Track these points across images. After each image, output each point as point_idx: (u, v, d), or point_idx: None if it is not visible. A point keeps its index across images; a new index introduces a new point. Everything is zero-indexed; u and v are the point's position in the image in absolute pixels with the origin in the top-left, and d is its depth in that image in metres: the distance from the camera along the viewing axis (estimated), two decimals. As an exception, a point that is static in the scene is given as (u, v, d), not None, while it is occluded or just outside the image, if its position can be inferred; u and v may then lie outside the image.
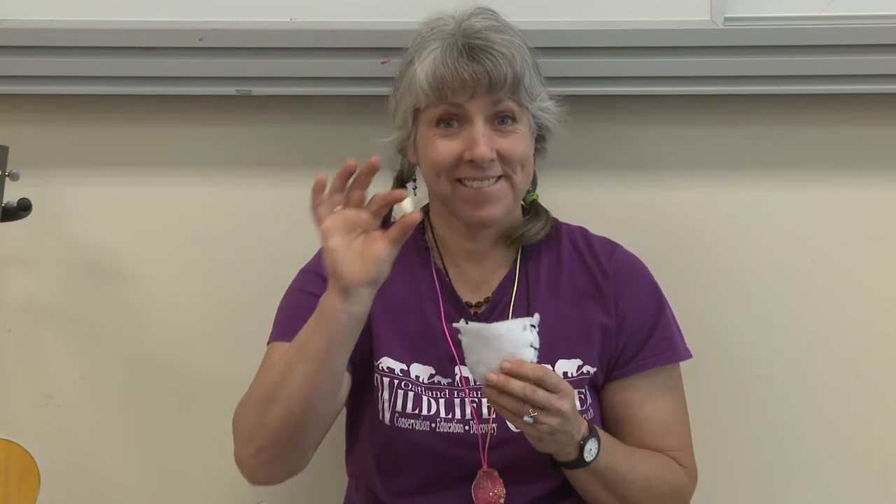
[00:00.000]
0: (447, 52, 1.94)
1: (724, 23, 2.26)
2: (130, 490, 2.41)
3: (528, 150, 2.00)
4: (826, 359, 2.35)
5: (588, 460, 1.89)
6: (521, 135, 1.98)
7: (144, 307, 2.38)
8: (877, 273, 2.34)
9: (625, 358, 2.03)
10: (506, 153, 1.96)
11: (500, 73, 1.93)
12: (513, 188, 1.99)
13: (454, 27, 1.97)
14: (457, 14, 2.00)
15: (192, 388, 2.38)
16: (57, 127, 2.35)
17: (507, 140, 1.97)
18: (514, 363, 1.80)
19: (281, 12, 2.29)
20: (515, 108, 1.97)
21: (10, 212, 2.14)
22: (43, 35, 2.26)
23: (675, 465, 2.03)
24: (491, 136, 1.96)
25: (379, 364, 2.01)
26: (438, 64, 1.94)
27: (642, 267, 2.09)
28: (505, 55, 1.93)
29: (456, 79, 1.93)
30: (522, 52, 1.97)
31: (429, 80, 1.94)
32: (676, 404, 2.06)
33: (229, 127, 2.34)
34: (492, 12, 2.02)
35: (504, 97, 1.95)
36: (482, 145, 1.94)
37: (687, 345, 2.08)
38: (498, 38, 1.95)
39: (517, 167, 1.98)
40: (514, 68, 1.94)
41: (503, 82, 1.93)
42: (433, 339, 2.02)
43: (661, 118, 2.31)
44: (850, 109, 2.30)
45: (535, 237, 2.05)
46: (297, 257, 2.11)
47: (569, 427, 1.84)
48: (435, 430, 1.98)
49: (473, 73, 1.92)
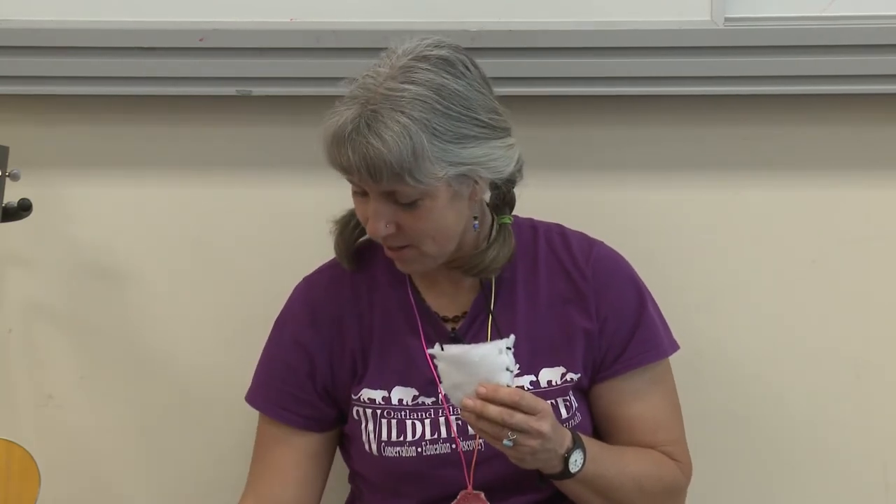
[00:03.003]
0: (344, 126, 1.84)
1: (725, 23, 2.26)
2: (130, 490, 2.41)
3: (441, 219, 1.89)
4: (826, 359, 2.35)
5: (573, 472, 1.88)
6: (425, 210, 1.87)
7: (144, 307, 2.38)
8: (877, 273, 2.34)
9: (609, 359, 2.02)
10: (406, 229, 1.89)
11: (376, 167, 1.82)
12: (424, 255, 1.92)
13: (375, 83, 1.86)
14: (397, 59, 1.88)
15: (192, 387, 2.38)
16: (57, 127, 2.35)
17: (407, 216, 1.88)
18: (489, 388, 1.79)
19: (281, 12, 2.28)
20: (411, 191, 1.85)
21: (10, 212, 2.14)
22: (43, 35, 2.26)
23: (668, 461, 2.02)
24: (390, 210, 1.88)
25: (359, 397, 2.00)
26: (330, 140, 1.86)
27: (622, 263, 2.07)
28: (379, 151, 1.81)
29: (339, 162, 1.86)
30: (413, 137, 1.83)
31: (325, 150, 1.87)
32: (666, 399, 2.05)
33: (229, 127, 2.34)
34: (429, 65, 1.87)
35: (392, 185, 1.85)
36: (372, 223, 1.88)
37: (673, 337, 2.07)
38: (389, 127, 1.82)
39: (425, 239, 1.90)
40: (392, 162, 1.82)
41: (380, 175, 1.83)
42: (412, 359, 2.00)
43: (661, 118, 2.31)
44: (850, 109, 2.30)
45: (491, 267, 1.97)
46: (297, 257, 2.11)
47: (550, 445, 1.83)
48: (422, 454, 1.97)
49: (352, 160, 1.84)
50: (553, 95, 2.21)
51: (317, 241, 2.11)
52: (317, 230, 2.09)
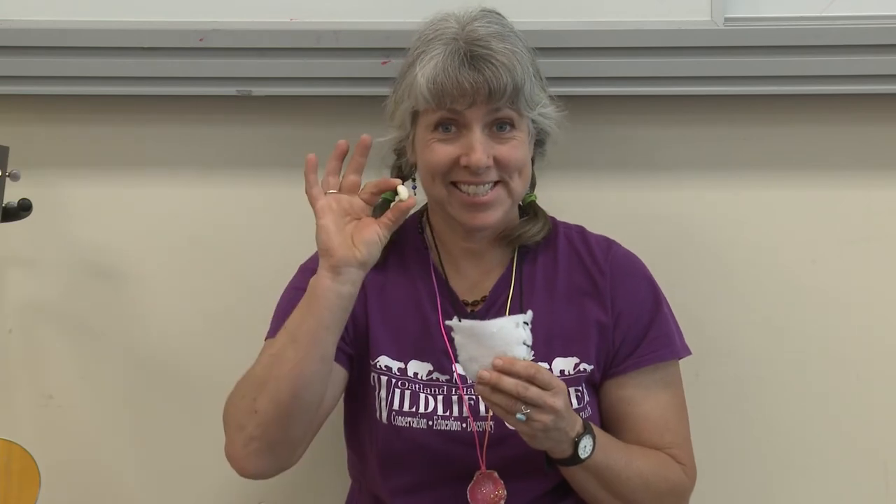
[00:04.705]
0: (448, 60, 1.94)
1: (725, 23, 2.26)
2: (130, 490, 2.41)
3: (526, 155, 2.00)
4: (826, 359, 2.35)
5: (583, 457, 1.89)
6: (518, 141, 1.98)
7: (144, 307, 2.38)
8: (877, 273, 2.34)
9: (622, 355, 2.03)
10: (503, 160, 1.96)
11: (500, 84, 1.93)
12: (510, 194, 1.99)
13: (457, 31, 1.97)
14: (461, 16, 2.00)
15: (192, 387, 2.38)
16: (57, 127, 2.35)
17: (504, 146, 1.97)
18: (505, 360, 1.81)
19: (281, 12, 2.29)
20: (514, 116, 1.97)
21: (10, 212, 2.14)
22: (43, 35, 2.26)
23: (673, 463, 2.03)
24: (488, 142, 1.96)
25: (376, 363, 2.01)
26: (439, 71, 1.93)
27: (639, 264, 2.09)
28: (505, 65, 1.93)
29: (456, 87, 1.93)
30: (524, 61, 1.97)
31: (429, 86, 1.94)
32: (674, 401, 2.06)
33: (229, 127, 2.34)
34: (496, 15, 2.02)
35: (503, 106, 1.95)
36: (479, 152, 1.94)
37: (686, 342, 2.08)
38: (500, 47, 1.95)
39: (514, 173, 1.98)
40: (515, 78, 1.94)
41: (503, 92, 1.93)
42: (431, 336, 2.02)
43: (661, 118, 2.31)
44: (849, 109, 2.30)
45: (533, 239, 2.06)
46: (297, 257, 2.11)
47: (562, 424, 1.84)
48: (432, 428, 1.98)
49: (473, 82, 1.92)
50: (553, 95, 2.20)
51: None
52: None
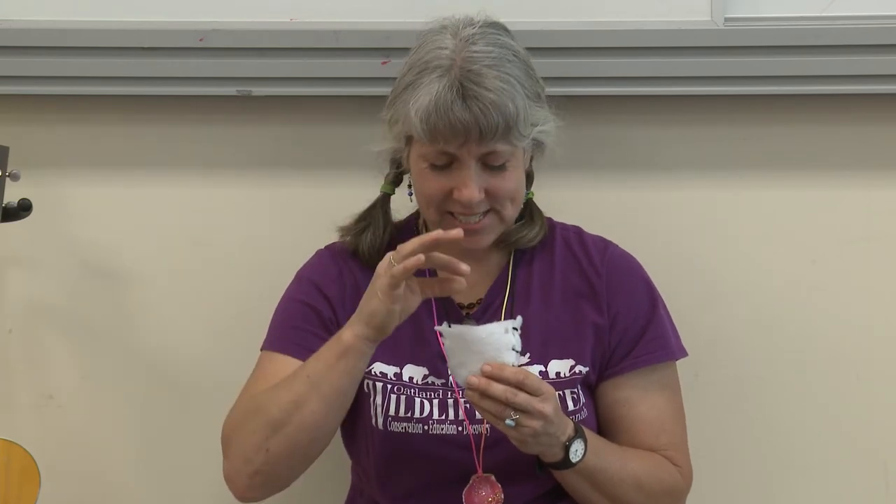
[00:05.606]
0: (441, 96, 1.89)
1: (725, 23, 2.26)
2: (131, 490, 2.41)
3: (520, 182, 1.98)
4: (826, 359, 2.35)
5: (574, 461, 1.89)
6: (512, 170, 1.95)
7: (144, 307, 2.38)
8: (876, 273, 2.34)
9: (618, 356, 2.03)
10: (494, 192, 1.94)
11: (490, 124, 1.88)
12: (502, 220, 1.98)
13: (452, 54, 1.91)
14: (460, 30, 1.95)
15: (192, 388, 2.38)
16: (57, 127, 2.35)
17: (496, 179, 1.94)
18: (494, 366, 1.80)
19: (281, 12, 2.29)
20: (507, 150, 1.93)
21: (10, 212, 2.14)
22: (43, 35, 2.26)
23: (669, 465, 2.02)
24: (481, 176, 1.93)
25: (370, 370, 2.00)
26: (432, 110, 1.89)
27: (636, 265, 2.09)
28: (496, 103, 1.88)
29: (448, 127, 1.89)
30: (518, 90, 1.91)
31: (422, 122, 1.90)
32: (670, 403, 2.06)
33: (229, 127, 2.34)
34: (494, 33, 1.96)
35: (496, 141, 1.91)
36: (470, 188, 1.92)
37: (682, 344, 2.08)
38: (494, 82, 1.89)
39: (506, 202, 1.96)
40: (506, 116, 1.89)
41: (494, 132, 1.89)
42: (425, 340, 2.01)
43: (661, 118, 2.31)
44: (849, 109, 2.30)
45: (529, 243, 2.05)
46: (297, 257, 2.11)
47: (552, 429, 1.84)
48: (428, 433, 1.97)
49: (465, 122, 1.88)
50: (553, 95, 2.20)
51: (317, 241, 2.11)
52: (317, 230, 2.10)
